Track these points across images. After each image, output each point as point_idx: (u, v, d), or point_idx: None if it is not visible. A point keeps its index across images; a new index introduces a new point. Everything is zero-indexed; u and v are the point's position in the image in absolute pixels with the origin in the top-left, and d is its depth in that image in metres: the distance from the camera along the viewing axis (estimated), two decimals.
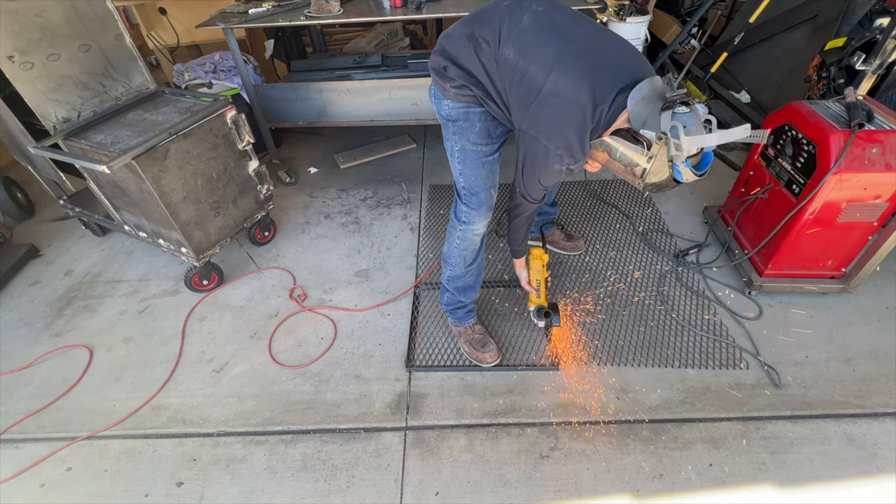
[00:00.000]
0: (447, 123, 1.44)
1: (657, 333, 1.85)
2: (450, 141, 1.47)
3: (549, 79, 1.15)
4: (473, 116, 1.39)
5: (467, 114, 1.39)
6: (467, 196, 1.52)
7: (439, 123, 1.48)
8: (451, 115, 1.40)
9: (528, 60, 1.17)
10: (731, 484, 1.40)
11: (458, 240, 1.61)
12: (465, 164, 1.47)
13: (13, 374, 1.84)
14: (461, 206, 1.55)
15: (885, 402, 1.58)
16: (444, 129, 1.47)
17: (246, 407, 1.68)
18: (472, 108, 1.38)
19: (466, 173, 1.48)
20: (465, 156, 1.45)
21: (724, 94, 3.30)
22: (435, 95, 1.44)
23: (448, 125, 1.44)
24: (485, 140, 1.42)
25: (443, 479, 1.45)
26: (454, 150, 1.47)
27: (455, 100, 1.36)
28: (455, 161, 1.49)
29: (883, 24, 2.10)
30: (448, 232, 1.66)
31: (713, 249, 2.20)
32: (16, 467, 1.54)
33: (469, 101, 1.36)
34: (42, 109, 1.80)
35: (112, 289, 2.21)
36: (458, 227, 1.59)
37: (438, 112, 1.45)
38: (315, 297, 2.11)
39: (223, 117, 1.94)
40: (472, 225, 1.56)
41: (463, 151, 1.45)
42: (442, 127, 1.48)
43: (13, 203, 2.61)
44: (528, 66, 1.18)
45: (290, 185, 2.88)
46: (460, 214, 1.57)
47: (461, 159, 1.47)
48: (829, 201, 1.64)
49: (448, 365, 1.78)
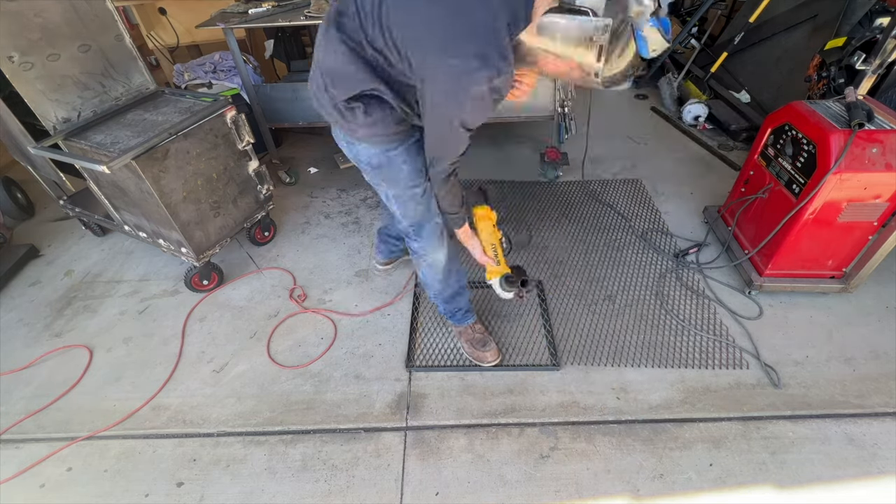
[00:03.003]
0: (370, 170, 1.32)
1: (657, 333, 1.85)
2: (380, 187, 1.37)
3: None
4: (397, 159, 1.27)
5: (389, 158, 1.27)
6: (416, 232, 1.45)
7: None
8: (373, 162, 1.28)
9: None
10: (731, 484, 1.40)
11: (426, 268, 1.57)
12: (405, 206, 1.38)
13: (13, 374, 1.84)
14: (413, 244, 1.49)
15: (885, 402, 1.58)
16: (370, 175, 1.34)
17: (246, 407, 1.68)
18: (390, 149, 1.25)
19: (408, 214, 1.40)
20: (401, 200, 1.37)
21: (724, 93, 3.30)
22: (345, 140, 1.28)
23: (372, 172, 1.32)
24: (416, 181, 1.32)
25: (443, 479, 1.45)
26: (389, 196, 1.37)
27: (370, 143, 1.24)
28: (392, 205, 1.40)
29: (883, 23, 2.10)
30: (414, 262, 1.60)
31: (713, 249, 2.20)
32: (16, 467, 1.54)
33: (386, 142, 1.23)
34: (42, 109, 1.80)
35: (112, 289, 2.21)
36: (421, 259, 1.54)
37: (356, 159, 1.32)
38: (315, 297, 2.11)
39: (223, 117, 1.94)
40: (431, 254, 1.51)
41: (398, 197, 1.36)
42: (364, 174, 1.36)
43: (13, 203, 2.61)
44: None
45: (290, 185, 2.88)
46: (417, 249, 1.51)
47: (399, 203, 1.38)
48: (829, 201, 1.64)
49: (448, 365, 1.78)
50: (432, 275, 1.60)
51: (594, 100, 3.70)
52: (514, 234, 1.50)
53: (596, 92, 3.86)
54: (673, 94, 3.47)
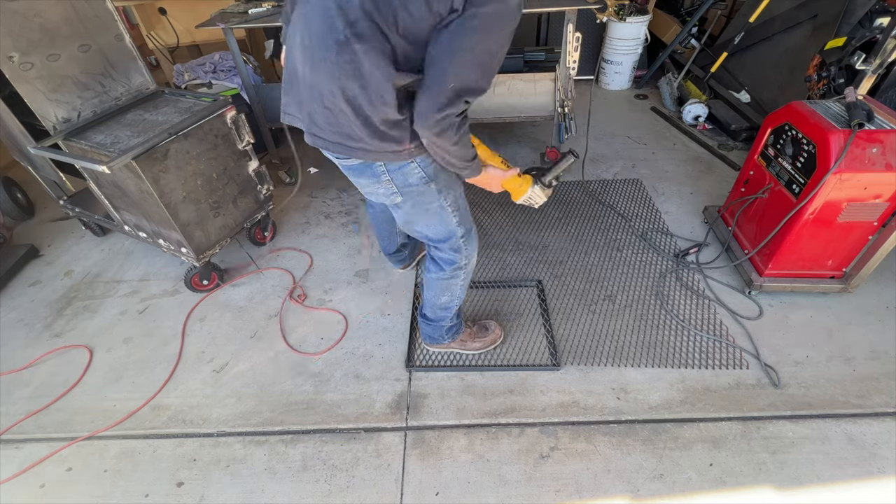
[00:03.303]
0: (426, 188, 1.20)
1: (657, 333, 1.85)
2: (435, 202, 1.25)
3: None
4: None
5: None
6: (466, 240, 1.38)
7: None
8: (429, 174, 1.18)
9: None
10: (731, 484, 1.40)
11: (463, 280, 1.51)
12: (461, 212, 1.31)
13: (13, 374, 1.84)
14: (462, 252, 1.41)
15: (885, 402, 1.58)
16: (422, 196, 1.23)
17: (246, 407, 1.68)
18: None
19: (464, 219, 1.34)
20: (458, 205, 1.29)
21: (724, 93, 3.30)
22: (392, 169, 1.16)
23: (427, 189, 1.21)
24: (461, 180, 1.27)
25: (443, 479, 1.45)
26: (445, 207, 1.27)
27: (420, 153, 1.13)
28: (450, 217, 1.30)
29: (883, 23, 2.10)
30: (442, 286, 1.51)
31: (713, 249, 2.20)
32: (16, 468, 1.54)
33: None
34: (42, 110, 1.80)
35: (112, 289, 2.21)
36: (460, 275, 1.48)
37: (405, 184, 1.19)
38: (315, 297, 2.11)
39: (223, 117, 1.94)
40: (474, 257, 1.48)
41: (455, 202, 1.28)
42: (413, 200, 1.24)
43: (13, 203, 2.61)
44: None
45: (290, 185, 2.88)
46: (460, 262, 1.44)
47: (456, 210, 1.29)
48: (829, 201, 1.64)
49: (448, 365, 1.77)
50: (465, 284, 1.54)
51: (594, 100, 3.71)
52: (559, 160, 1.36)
53: (596, 92, 3.87)
54: (673, 94, 3.48)
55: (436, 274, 1.51)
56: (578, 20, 2.32)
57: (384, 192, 1.24)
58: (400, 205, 1.29)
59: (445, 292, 1.56)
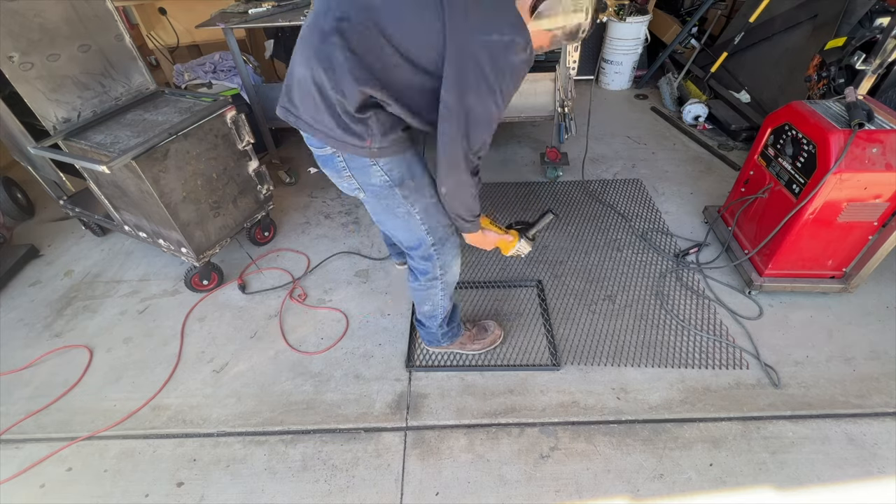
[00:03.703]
0: (389, 192, 1.20)
1: (657, 333, 1.85)
2: (401, 207, 1.25)
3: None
4: (415, 163, 1.21)
5: (409, 165, 1.19)
6: (438, 249, 1.37)
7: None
8: (394, 178, 1.18)
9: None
10: (731, 484, 1.40)
11: (441, 291, 1.51)
12: (431, 221, 1.30)
13: (13, 374, 1.84)
14: (431, 264, 1.40)
15: (885, 402, 1.58)
16: (387, 199, 1.23)
17: (246, 407, 1.68)
18: (406, 153, 1.18)
19: (433, 227, 1.32)
20: (429, 214, 1.28)
21: (724, 93, 3.30)
22: (352, 166, 1.17)
23: (391, 193, 1.21)
24: (432, 187, 1.26)
25: (443, 479, 1.45)
26: (412, 214, 1.26)
27: (389, 154, 1.13)
28: (417, 224, 1.29)
29: (883, 23, 2.10)
30: (421, 296, 1.52)
31: (713, 249, 2.20)
32: (16, 468, 1.54)
33: (398, 150, 1.15)
34: (42, 110, 1.80)
35: (112, 289, 2.21)
36: (436, 285, 1.47)
37: (368, 184, 1.20)
38: (315, 297, 2.11)
39: (223, 117, 1.94)
40: (453, 268, 1.47)
41: (424, 211, 1.27)
42: (378, 201, 1.25)
43: (13, 203, 2.61)
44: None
45: (290, 185, 2.88)
46: (434, 272, 1.43)
47: (425, 219, 1.29)
48: (829, 201, 1.64)
49: (448, 365, 1.77)
50: (446, 295, 1.54)
51: (594, 100, 3.71)
52: (538, 218, 1.54)
53: (596, 92, 3.87)
54: (673, 94, 3.48)
55: (413, 283, 1.52)
56: None
57: (347, 186, 1.26)
58: (365, 200, 1.30)
59: (426, 301, 1.55)
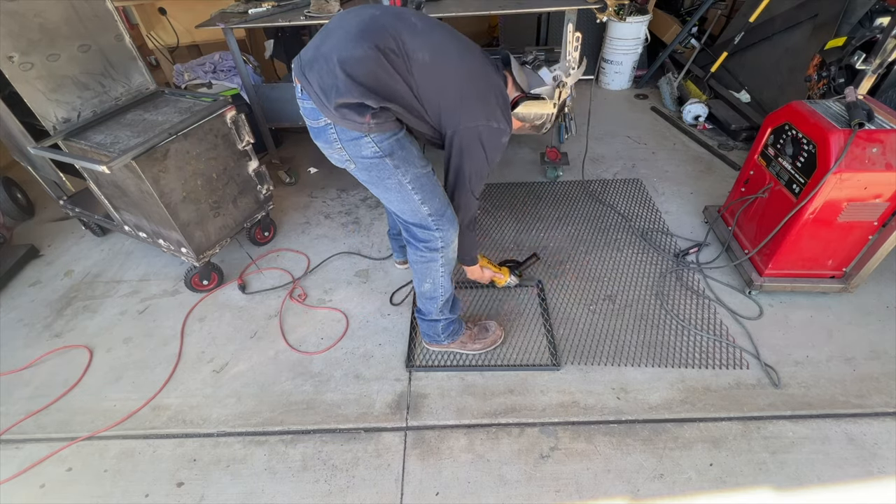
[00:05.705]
0: (380, 162, 1.29)
1: (657, 333, 1.85)
2: (392, 178, 1.32)
3: (464, 67, 1.26)
4: (405, 141, 1.30)
5: (399, 141, 1.28)
6: (437, 221, 1.42)
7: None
8: (385, 150, 1.27)
9: (444, 58, 1.23)
10: (731, 484, 1.40)
11: (442, 268, 1.52)
12: (425, 191, 1.36)
13: (13, 374, 1.84)
14: (433, 234, 1.44)
15: (885, 402, 1.58)
16: (378, 170, 1.31)
17: (246, 407, 1.68)
18: (398, 133, 1.28)
19: (428, 199, 1.37)
20: (420, 183, 1.35)
21: (724, 93, 3.30)
22: (344, 139, 1.26)
23: (382, 163, 1.29)
24: (424, 160, 1.35)
25: (443, 479, 1.45)
26: (404, 185, 1.33)
27: (379, 131, 1.24)
28: (410, 195, 1.36)
29: (883, 23, 2.10)
30: (420, 272, 1.55)
31: (713, 249, 2.20)
32: (16, 468, 1.54)
33: (393, 128, 1.26)
34: (42, 110, 1.80)
35: (112, 289, 2.21)
36: (437, 258, 1.49)
37: (358, 156, 1.29)
38: (315, 297, 2.11)
39: (223, 117, 1.94)
40: (451, 243, 1.48)
41: (416, 180, 1.34)
42: (368, 172, 1.33)
43: (13, 203, 2.61)
44: (445, 62, 1.23)
45: (290, 185, 2.88)
46: (435, 243, 1.46)
47: (418, 189, 1.35)
48: (829, 201, 1.64)
49: (448, 365, 1.77)
50: (446, 274, 1.55)
51: (594, 100, 3.71)
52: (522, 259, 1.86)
53: (596, 92, 3.86)
54: (673, 94, 3.47)
55: (413, 255, 1.52)
56: (578, 20, 2.32)
57: (338, 157, 1.34)
58: (355, 171, 1.37)
59: (426, 277, 1.55)
